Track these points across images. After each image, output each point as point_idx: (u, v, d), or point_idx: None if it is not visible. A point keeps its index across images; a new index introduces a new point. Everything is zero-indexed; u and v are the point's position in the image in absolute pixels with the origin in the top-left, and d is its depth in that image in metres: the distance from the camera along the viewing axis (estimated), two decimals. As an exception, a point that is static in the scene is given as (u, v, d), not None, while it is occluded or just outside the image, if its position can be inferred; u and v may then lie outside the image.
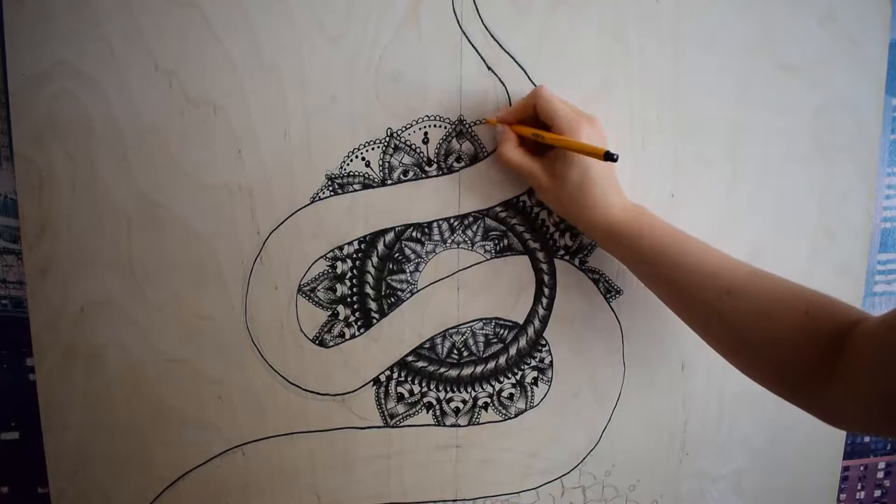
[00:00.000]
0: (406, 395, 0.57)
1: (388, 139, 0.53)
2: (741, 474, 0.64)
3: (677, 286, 0.47)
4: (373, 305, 0.55)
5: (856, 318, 0.40)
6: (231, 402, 0.54)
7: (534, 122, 0.51)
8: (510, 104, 0.53)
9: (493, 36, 0.52)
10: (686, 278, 0.46)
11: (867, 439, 0.70)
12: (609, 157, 0.44)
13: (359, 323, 0.55)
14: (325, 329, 0.55)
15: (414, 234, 0.55)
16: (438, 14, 0.51)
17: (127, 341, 0.52)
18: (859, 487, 0.71)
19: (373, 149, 0.53)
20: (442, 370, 0.57)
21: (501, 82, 0.53)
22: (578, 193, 0.49)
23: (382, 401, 0.57)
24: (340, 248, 0.54)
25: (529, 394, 0.59)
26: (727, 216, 0.58)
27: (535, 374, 0.58)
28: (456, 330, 0.57)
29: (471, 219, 0.55)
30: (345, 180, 0.53)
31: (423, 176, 0.54)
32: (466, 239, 0.55)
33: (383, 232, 0.54)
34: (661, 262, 0.47)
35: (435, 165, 0.54)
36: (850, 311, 0.42)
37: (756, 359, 0.45)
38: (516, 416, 0.59)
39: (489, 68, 0.53)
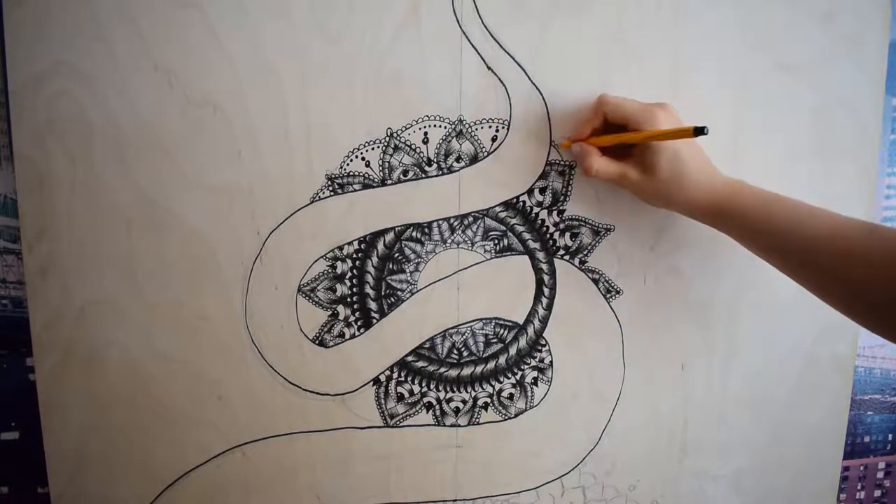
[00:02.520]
0: (406, 395, 0.57)
1: (388, 139, 0.53)
2: (741, 474, 0.64)
3: (794, 254, 0.47)
4: (373, 305, 0.55)
5: None
6: (231, 402, 0.54)
7: (604, 131, 0.52)
8: (510, 104, 0.53)
9: (493, 36, 0.52)
10: (802, 245, 0.46)
11: (866, 439, 0.70)
12: (700, 131, 0.44)
13: (359, 323, 0.55)
14: (325, 329, 0.55)
15: (414, 234, 0.55)
16: (438, 14, 0.51)
17: (127, 341, 0.52)
18: (859, 487, 0.71)
19: (373, 149, 0.53)
20: (442, 370, 0.57)
21: (501, 82, 0.53)
22: (675, 179, 0.49)
23: (382, 401, 0.57)
24: (340, 248, 0.54)
25: (529, 394, 0.59)
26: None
27: (535, 374, 0.58)
28: (456, 330, 0.57)
29: (471, 219, 0.55)
30: (345, 180, 0.53)
31: (423, 176, 0.54)
32: (466, 239, 0.55)
33: (383, 232, 0.54)
34: (773, 232, 0.47)
35: (435, 165, 0.54)
36: None
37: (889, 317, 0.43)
38: (516, 416, 0.59)
39: (489, 68, 0.53)
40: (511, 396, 0.59)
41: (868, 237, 0.43)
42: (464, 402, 0.58)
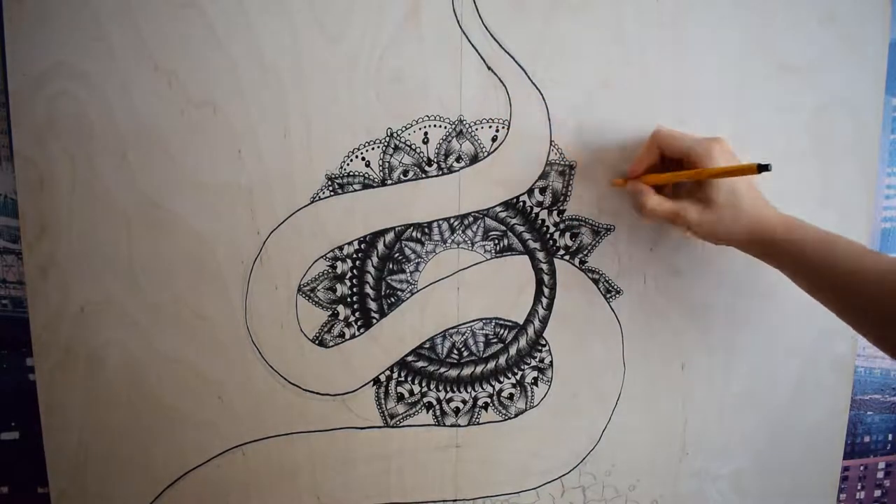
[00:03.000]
0: (406, 395, 0.57)
1: (388, 139, 0.53)
2: (741, 474, 0.64)
3: (852, 295, 0.46)
4: (373, 305, 0.55)
5: None
6: (231, 402, 0.54)
7: (660, 168, 0.52)
8: (510, 104, 0.53)
9: (493, 36, 0.52)
10: (855, 281, 0.45)
11: (866, 439, 0.70)
12: (763, 168, 0.44)
13: (359, 323, 0.55)
14: (325, 329, 0.55)
15: (414, 234, 0.55)
16: (438, 14, 0.51)
17: (127, 341, 0.52)
18: (859, 487, 0.71)
19: (373, 149, 0.53)
20: (442, 370, 0.57)
21: (501, 82, 0.53)
22: (732, 214, 0.49)
23: (382, 401, 0.57)
24: (340, 248, 0.54)
25: (529, 394, 0.59)
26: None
27: (535, 374, 0.58)
28: (456, 330, 0.57)
29: (471, 219, 0.55)
30: (345, 180, 0.53)
31: (423, 176, 0.54)
32: (466, 239, 0.55)
33: (383, 232, 0.54)
34: (827, 268, 0.47)
35: (435, 165, 0.54)
36: None
37: None
38: (516, 416, 0.59)
39: (489, 68, 0.53)
40: (511, 396, 0.59)
41: None
42: (464, 402, 0.58)
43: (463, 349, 0.57)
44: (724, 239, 0.51)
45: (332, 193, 0.53)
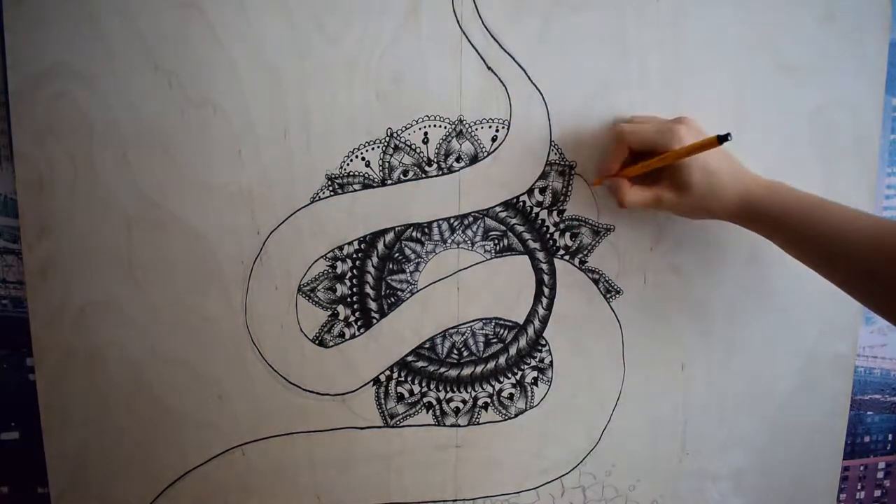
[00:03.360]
0: (406, 395, 0.57)
1: (388, 139, 0.53)
2: (741, 474, 0.64)
3: (835, 257, 0.46)
4: (373, 305, 0.55)
5: None
6: (231, 402, 0.54)
7: (631, 162, 0.52)
8: (510, 104, 0.53)
9: (493, 36, 0.52)
10: (844, 247, 0.45)
11: (866, 439, 0.70)
12: (722, 139, 0.44)
13: (359, 323, 0.55)
14: (325, 329, 0.55)
15: (414, 234, 0.55)
16: (438, 14, 0.51)
17: (127, 341, 0.52)
18: (859, 487, 0.71)
19: (373, 149, 0.53)
20: (442, 370, 0.57)
21: (501, 82, 0.53)
22: (710, 190, 0.49)
23: (382, 401, 0.57)
24: (340, 248, 0.54)
25: (529, 394, 0.59)
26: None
27: (535, 374, 0.58)
28: (456, 330, 0.57)
29: (471, 219, 0.55)
30: (345, 180, 0.53)
31: (423, 176, 0.54)
32: (466, 239, 0.55)
33: (383, 232, 0.54)
34: (815, 234, 0.46)
35: (435, 165, 0.54)
36: None
37: None
38: (516, 416, 0.59)
39: (489, 68, 0.53)
40: (511, 396, 0.59)
41: None
42: (464, 402, 0.58)
43: (463, 349, 0.57)
44: (704, 214, 0.51)
45: (332, 193, 0.53)
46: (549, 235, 0.56)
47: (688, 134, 0.48)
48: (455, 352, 0.57)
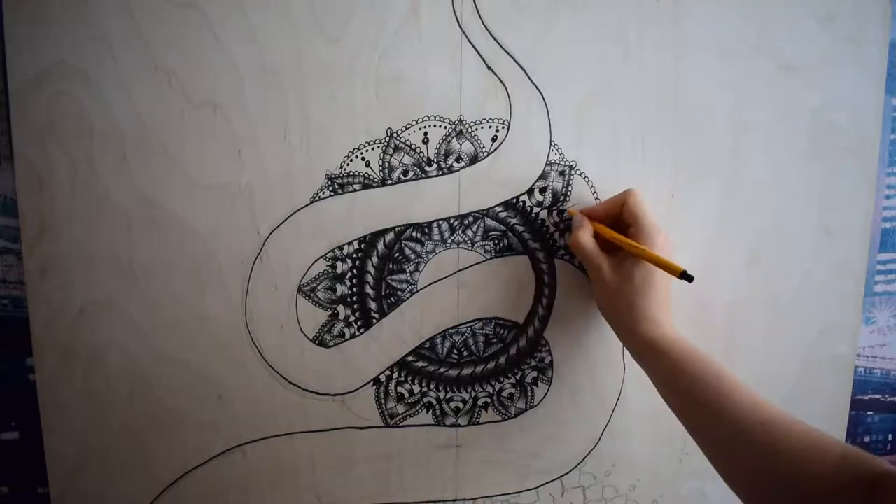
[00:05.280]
0: (406, 394, 0.57)
1: (388, 139, 0.53)
2: (741, 474, 0.63)
3: (713, 412, 0.45)
4: (373, 305, 0.55)
5: (885, 470, 0.39)
6: (231, 402, 0.54)
7: (614, 221, 0.53)
8: (510, 104, 0.53)
9: (493, 36, 0.52)
10: (724, 405, 0.44)
11: (866, 439, 0.70)
12: (685, 276, 0.46)
13: (359, 323, 0.55)
14: (325, 329, 0.55)
15: (414, 234, 0.55)
16: (438, 14, 0.51)
17: (127, 341, 0.52)
18: (859, 487, 0.70)
19: (373, 149, 0.53)
20: (442, 370, 0.57)
21: (501, 82, 0.53)
22: (635, 295, 0.50)
23: (382, 401, 0.57)
24: (340, 248, 0.54)
25: (529, 394, 0.59)
26: (727, 216, 0.58)
27: (535, 373, 0.58)
28: (456, 330, 0.57)
29: (471, 219, 0.55)
30: (345, 180, 0.53)
31: (423, 176, 0.54)
32: (466, 239, 0.55)
33: (383, 232, 0.54)
34: (699, 387, 0.46)
35: (435, 165, 0.54)
36: (880, 463, 0.40)
37: (784, 498, 0.41)
38: (516, 416, 0.59)
39: (489, 68, 0.53)
40: (511, 396, 0.59)
41: (785, 415, 0.43)
42: (464, 401, 0.58)
43: (463, 349, 0.57)
44: (612, 316, 0.52)
45: (332, 193, 0.53)
46: (549, 235, 0.56)
47: (663, 248, 0.50)
48: (455, 352, 0.57)
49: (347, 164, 0.53)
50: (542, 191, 0.56)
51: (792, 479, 0.40)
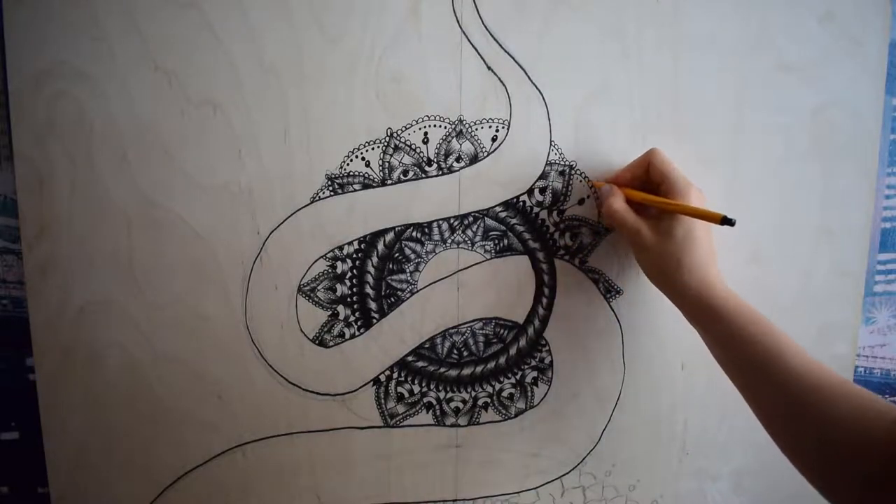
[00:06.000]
0: (406, 395, 0.57)
1: (388, 139, 0.53)
2: (741, 474, 0.64)
3: (767, 374, 0.45)
4: (373, 305, 0.55)
5: None
6: (231, 402, 0.54)
7: (641, 184, 0.53)
8: (510, 104, 0.53)
9: (493, 36, 0.52)
10: (779, 366, 0.44)
11: (867, 439, 0.69)
12: (726, 220, 0.45)
13: (359, 323, 0.55)
14: (325, 329, 0.55)
15: (414, 234, 0.55)
16: (438, 14, 0.51)
17: (127, 341, 0.52)
18: (859, 487, 0.70)
19: (373, 149, 0.53)
20: (442, 370, 0.57)
21: (501, 82, 0.53)
22: (680, 252, 0.49)
23: (382, 401, 0.57)
24: (340, 248, 0.54)
25: (529, 394, 0.59)
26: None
27: (535, 374, 0.58)
28: (456, 330, 0.57)
29: (471, 219, 0.55)
30: (345, 180, 0.53)
31: (423, 176, 0.54)
32: (466, 239, 0.55)
33: (383, 232, 0.54)
34: (753, 351, 0.45)
35: (435, 165, 0.54)
36: None
37: (838, 463, 0.40)
38: (516, 416, 0.59)
39: (489, 68, 0.53)
40: (511, 396, 0.59)
41: (840, 379, 0.43)
42: (464, 402, 0.58)
43: (463, 349, 0.57)
44: (658, 276, 0.51)
45: (332, 193, 0.53)
46: (549, 235, 0.56)
47: (695, 201, 0.49)
48: (455, 352, 0.57)
49: (347, 164, 0.53)
50: (542, 191, 0.56)
51: (846, 445, 0.40)
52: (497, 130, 0.54)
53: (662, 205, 0.50)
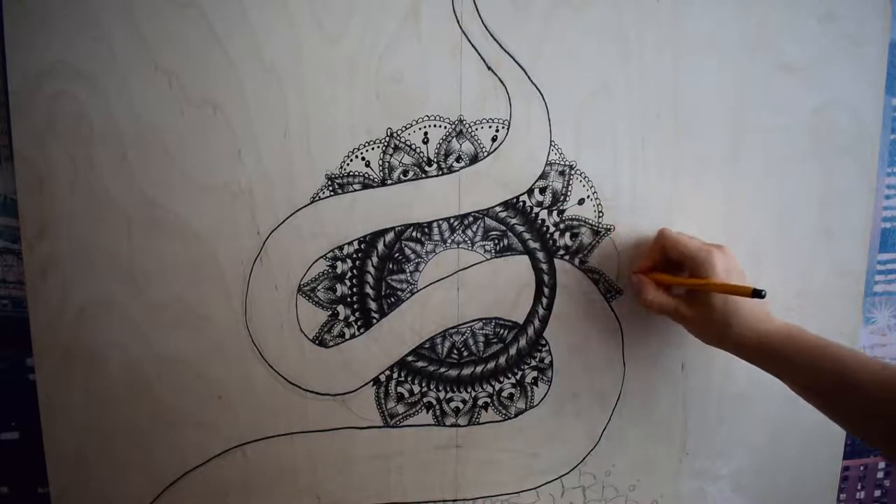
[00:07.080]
0: (406, 394, 0.57)
1: (388, 139, 0.53)
2: (741, 474, 0.64)
3: (840, 393, 0.46)
4: (373, 305, 0.55)
5: None
6: (231, 402, 0.54)
7: (665, 266, 0.54)
8: (510, 104, 0.53)
9: (493, 36, 0.52)
10: (847, 384, 0.45)
11: (867, 439, 0.70)
12: (757, 294, 0.46)
13: (359, 323, 0.55)
14: (325, 329, 0.55)
15: (414, 234, 0.55)
16: (438, 14, 0.51)
17: (127, 341, 0.52)
18: (859, 487, 0.70)
19: (373, 149, 0.53)
20: (442, 370, 0.57)
21: (501, 82, 0.53)
22: (724, 319, 0.50)
23: (382, 401, 0.57)
24: (340, 248, 0.54)
25: (529, 394, 0.59)
26: (727, 216, 0.58)
27: (535, 374, 0.58)
28: (456, 330, 0.57)
29: (471, 219, 0.55)
30: (345, 180, 0.53)
31: (423, 176, 0.54)
32: (466, 239, 0.55)
33: (383, 232, 0.54)
34: (823, 373, 0.47)
35: (435, 165, 0.54)
36: None
37: None
38: (516, 416, 0.59)
39: (489, 68, 0.53)
40: (511, 396, 0.59)
41: None
42: (464, 401, 0.58)
43: (463, 349, 0.57)
44: (716, 340, 0.52)
45: (332, 193, 0.53)
46: (549, 235, 0.56)
47: (722, 262, 0.50)
48: (455, 352, 0.57)
49: (347, 164, 0.53)
50: (542, 191, 0.56)
51: None
52: (497, 130, 0.54)
53: (693, 286, 0.51)
